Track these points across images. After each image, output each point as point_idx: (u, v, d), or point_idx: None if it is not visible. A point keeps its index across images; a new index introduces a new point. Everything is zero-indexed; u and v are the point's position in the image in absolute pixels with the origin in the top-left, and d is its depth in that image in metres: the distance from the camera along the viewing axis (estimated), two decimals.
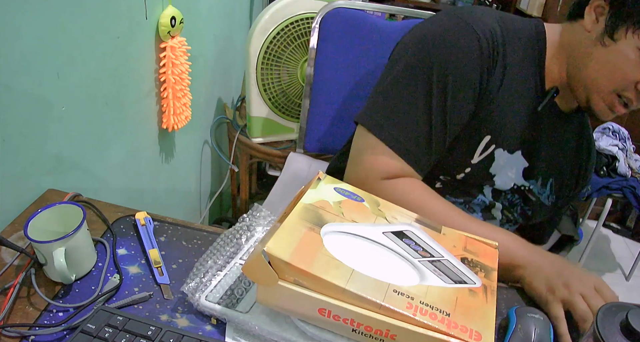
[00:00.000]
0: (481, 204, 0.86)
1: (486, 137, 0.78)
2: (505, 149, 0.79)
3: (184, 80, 1.19)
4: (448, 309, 0.54)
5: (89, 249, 0.67)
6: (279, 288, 0.54)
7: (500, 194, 0.85)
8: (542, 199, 0.87)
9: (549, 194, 0.87)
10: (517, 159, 0.81)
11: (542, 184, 0.86)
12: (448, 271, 0.59)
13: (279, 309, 0.58)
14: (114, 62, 0.97)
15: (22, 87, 0.73)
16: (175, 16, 1.09)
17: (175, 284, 0.66)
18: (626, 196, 1.85)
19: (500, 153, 0.79)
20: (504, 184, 0.83)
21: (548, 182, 0.86)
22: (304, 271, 0.53)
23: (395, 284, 0.55)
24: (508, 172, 0.81)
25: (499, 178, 0.82)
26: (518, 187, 0.84)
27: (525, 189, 0.85)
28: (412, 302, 0.53)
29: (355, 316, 0.53)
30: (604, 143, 1.97)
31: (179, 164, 1.40)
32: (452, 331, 0.52)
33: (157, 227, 0.76)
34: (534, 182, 0.85)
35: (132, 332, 0.55)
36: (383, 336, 0.54)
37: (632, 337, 0.55)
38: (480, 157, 0.79)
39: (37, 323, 0.58)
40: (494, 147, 0.79)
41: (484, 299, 0.57)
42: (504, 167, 0.81)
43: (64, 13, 0.79)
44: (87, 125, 0.92)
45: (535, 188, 0.86)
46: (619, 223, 2.55)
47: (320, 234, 0.58)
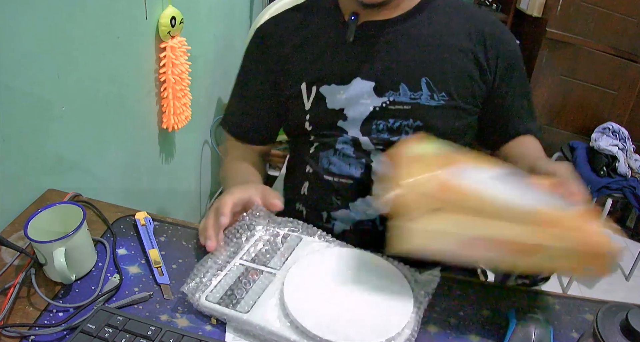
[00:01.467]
0: (350, 143, 0.84)
1: (302, 84, 0.85)
2: (333, 83, 0.83)
3: (184, 80, 1.19)
4: None
5: (89, 249, 0.67)
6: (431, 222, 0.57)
7: (370, 127, 0.83)
8: (422, 102, 0.81)
9: (431, 93, 0.81)
10: (359, 85, 0.82)
11: (412, 88, 0.81)
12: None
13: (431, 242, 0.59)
14: (114, 62, 0.97)
15: (22, 87, 0.73)
16: (175, 16, 1.09)
17: (175, 284, 0.66)
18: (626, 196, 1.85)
19: (327, 89, 0.83)
20: (359, 113, 0.83)
21: (421, 83, 0.81)
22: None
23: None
24: (360, 100, 0.82)
25: (350, 109, 0.83)
26: (380, 107, 0.82)
27: (387, 104, 0.82)
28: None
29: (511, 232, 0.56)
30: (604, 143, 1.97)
31: (179, 164, 1.40)
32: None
33: (157, 227, 0.76)
34: (391, 93, 0.82)
35: (132, 332, 0.55)
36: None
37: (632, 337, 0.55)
38: (310, 101, 0.85)
39: (37, 323, 0.58)
40: (316, 87, 0.84)
41: None
42: (350, 99, 0.82)
43: (64, 13, 0.79)
44: (87, 125, 0.92)
45: (400, 97, 0.82)
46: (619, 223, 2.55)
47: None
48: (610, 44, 2.01)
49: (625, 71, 2.06)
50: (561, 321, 0.70)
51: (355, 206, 0.84)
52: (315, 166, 0.87)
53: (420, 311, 0.64)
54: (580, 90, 2.12)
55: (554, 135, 2.19)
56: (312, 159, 0.87)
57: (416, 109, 0.82)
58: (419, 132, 0.82)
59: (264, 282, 0.65)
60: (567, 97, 2.13)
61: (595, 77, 2.08)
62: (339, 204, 0.84)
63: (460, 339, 0.64)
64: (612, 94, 2.12)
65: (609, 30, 1.99)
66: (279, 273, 0.67)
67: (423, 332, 0.64)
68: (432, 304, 0.68)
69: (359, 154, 0.83)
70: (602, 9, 1.96)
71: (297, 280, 0.64)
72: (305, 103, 0.86)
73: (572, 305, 0.73)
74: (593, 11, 1.96)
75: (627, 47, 2.02)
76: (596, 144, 1.98)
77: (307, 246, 0.72)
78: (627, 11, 1.95)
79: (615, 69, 2.05)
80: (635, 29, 1.98)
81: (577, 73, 2.08)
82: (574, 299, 0.75)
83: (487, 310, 0.69)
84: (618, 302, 0.64)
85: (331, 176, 0.85)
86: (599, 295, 0.78)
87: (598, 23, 1.98)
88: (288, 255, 0.70)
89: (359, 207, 0.84)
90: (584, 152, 2.04)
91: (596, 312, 0.58)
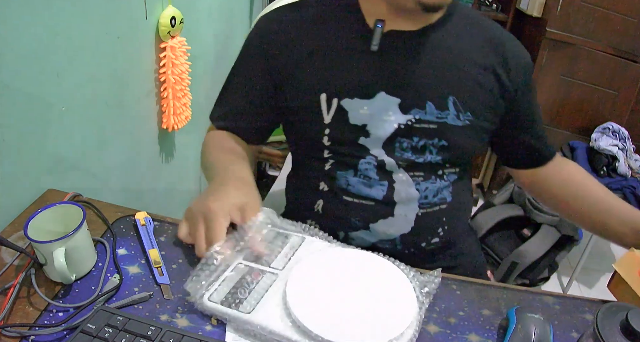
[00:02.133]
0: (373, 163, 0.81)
1: (322, 95, 0.79)
2: (355, 97, 0.78)
3: (184, 80, 1.19)
4: None
5: (89, 249, 0.67)
6: None
7: (393, 145, 0.80)
8: (448, 122, 0.79)
9: (457, 112, 0.79)
10: (384, 100, 0.78)
11: (439, 107, 0.79)
12: None
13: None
14: (114, 62, 0.97)
15: (22, 87, 0.73)
16: (175, 16, 1.09)
17: (175, 284, 0.66)
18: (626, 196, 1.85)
19: (350, 103, 0.78)
20: (383, 129, 0.78)
21: (448, 102, 0.79)
22: None
23: None
24: (383, 116, 0.78)
25: (372, 126, 0.78)
26: (405, 125, 0.79)
27: (412, 123, 0.79)
28: None
29: None
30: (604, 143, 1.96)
31: (179, 164, 1.40)
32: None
33: (157, 227, 0.76)
34: (417, 111, 0.78)
35: (132, 332, 0.55)
36: None
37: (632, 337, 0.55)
38: (330, 115, 0.79)
39: (37, 323, 0.58)
40: (337, 100, 0.78)
41: None
42: (373, 115, 0.78)
43: (64, 13, 0.79)
44: (87, 125, 0.92)
45: (426, 116, 0.79)
46: None
47: None
48: (610, 44, 2.01)
49: (625, 71, 2.06)
50: (561, 321, 0.70)
51: (376, 227, 0.82)
52: (331, 185, 0.83)
53: (421, 311, 0.64)
54: (580, 90, 2.12)
55: (553, 135, 2.19)
56: (328, 177, 0.83)
57: (442, 128, 0.79)
58: (444, 151, 0.81)
59: (266, 283, 0.65)
60: (567, 97, 2.13)
61: (595, 77, 2.08)
62: (358, 225, 0.82)
63: (460, 339, 0.64)
64: (612, 94, 2.12)
65: (609, 30, 1.99)
66: (282, 273, 0.66)
67: (423, 332, 0.64)
68: (432, 304, 0.68)
69: (382, 175, 0.81)
70: (602, 9, 1.95)
71: (300, 280, 0.64)
72: (324, 116, 0.80)
73: (572, 305, 0.73)
74: (593, 11, 1.96)
75: (627, 47, 2.02)
76: (596, 144, 1.97)
77: (309, 246, 0.72)
78: (627, 11, 1.95)
79: (615, 69, 2.05)
80: (635, 29, 1.98)
81: (577, 73, 2.08)
82: (574, 299, 0.75)
83: (487, 310, 0.69)
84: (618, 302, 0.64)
85: (350, 197, 0.82)
86: (599, 295, 0.78)
87: (598, 23, 1.98)
88: (291, 255, 0.70)
89: (380, 228, 0.82)
90: (584, 152, 2.03)
91: (596, 312, 0.58)
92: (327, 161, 0.83)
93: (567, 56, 2.05)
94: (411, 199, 0.81)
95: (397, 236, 0.83)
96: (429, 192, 0.82)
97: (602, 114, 2.15)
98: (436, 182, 0.83)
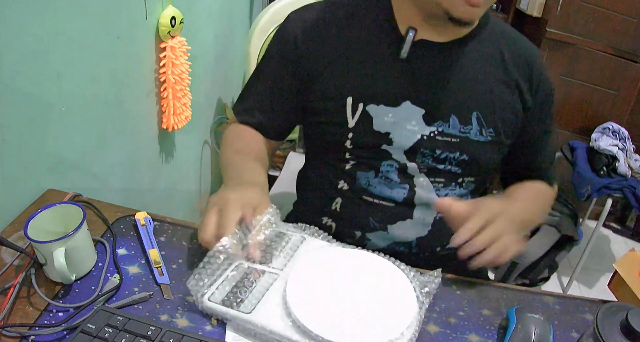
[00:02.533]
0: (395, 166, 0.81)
1: (348, 98, 0.79)
2: (381, 103, 0.78)
3: (184, 80, 1.19)
4: None
5: (89, 249, 0.67)
6: None
7: (415, 154, 0.80)
8: (471, 137, 0.80)
9: (480, 128, 0.80)
10: (409, 109, 0.78)
11: (462, 121, 0.79)
12: None
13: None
14: (114, 62, 0.97)
15: (22, 87, 0.73)
16: (175, 16, 1.09)
17: (175, 284, 0.66)
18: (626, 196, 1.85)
19: (375, 109, 0.78)
20: (406, 138, 0.79)
21: (472, 117, 0.79)
22: None
23: None
24: (407, 125, 0.78)
25: (396, 134, 0.79)
26: (428, 136, 0.79)
27: (435, 135, 0.79)
28: None
29: None
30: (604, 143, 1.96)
31: (179, 164, 1.40)
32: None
33: (157, 227, 0.76)
34: (441, 123, 0.79)
35: (132, 332, 0.55)
36: None
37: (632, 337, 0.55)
38: (354, 119, 0.79)
39: (37, 323, 0.58)
40: (363, 105, 0.78)
41: None
42: (397, 123, 0.78)
43: (64, 13, 0.79)
44: (87, 125, 0.92)
45: (450, 129, 0.79)
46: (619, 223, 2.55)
47: None
48: (610, 44, 2.01)
49: (625, 71, 2.06)
50: (561, 321, 0.70)
51: (394, 229, 0.82)
52: (351, 184, 0.83)
53: (421, 311, 0.64)
54: (580, 90, 2.12)
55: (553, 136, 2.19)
56: (348, 176, 0.83)
57: (465, 143, 0.80)
58: (464, 165, 0.82)
59: (267, 282, 0.65)
60: (567, 97, 2.13)
61: (595, 77, 2.08)
62: (376, 225, 0.82)
63: (460, 339, 0.64)
64: (612, 94, 2.12)
65: (609, 30, 1.99)
66: (282, 273, 0.67)
67: (423, 332, 0.64)
68: (432, 304, 0.68)
69: (403, 178, 0.81)
70: (602, 9, 1.96)
71: (300, 280, 0.64)
72: (348, 120, 0.80)
73: (572, 305, 0.73)
74: (593, 11, 1.96)
75: (627, 47, 2.02)
76: (596, 144, 1.97)
77: (309, 245, 0.72)
78: (627, 11, 1.95)
79: (615, 69, 2.05)
80: (635, 29, 1.98)
81: (577, 73, 2.08)
82: (574, 299, 0.75)
83: (487, 310, 0.69)
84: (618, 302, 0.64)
85: (370, 197, 0.82)
86: (599, 295, 0.78)
87: (598, 23, 1.98)
88: (291, 255, 0.70)
89: (398, 230, 0.82)
90: (584, 152, 2.03)
91: (596, 312, 0.58)
92: (348, 162, 0.83)
93: (567, 56, 2.05)
94: (431, 203, 0.82)
95: (414, 239, 0.83)
96: (447, 194, 0.83)
97: (602, 114, 2.15)
98: (455, 189, 0.84)
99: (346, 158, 0.83)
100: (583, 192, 1.87)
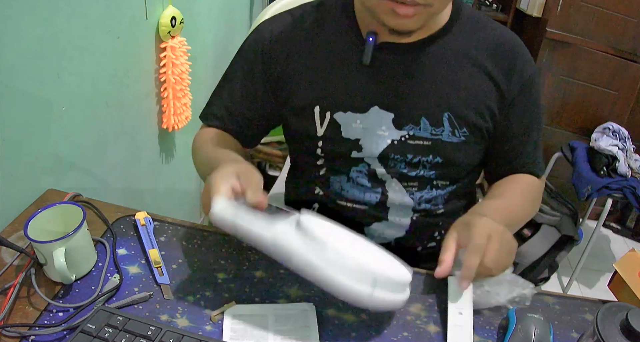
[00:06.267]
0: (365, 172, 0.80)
1: (316, 107, 0.78)
2: (349, 110, 0.76)
3: (184, 80, 1.19)
4: None
5: (89, 249, 0.67)
6: None
7: (386, 160, 0.79)
8: (443, 138, 0.77)
9: (453, 129, 0.77)
10: (378, 114, 0.76)
11: (433, 123, 0.76)
12: None
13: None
14: (114, 62, 0.97)
15: (22, 87, 0.73)
16: (175, 16, 1.09)
17: (175, 284, 0.66)
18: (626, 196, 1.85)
19: (343, 116, 0.77)
20: (376, 144, 0.77)
21: (443, 118, 0.76)
22: None
23: None
24: (377, 131, 0.77)
25: (366, 141, 0.77)
26: (399, 141, 0.77)
27: (406, 139, 0.77)
28: None
29: None
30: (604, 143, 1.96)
31: (179, 164, 1.40)
32: None
33: (157, 227, 0.76)
34: (411, 127, 0.76)
35: (132, 332, 0.55)
36: None
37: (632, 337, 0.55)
38: (323, 128, 0.78)
39: (37, 323, 0.58)
40: (330, 113, 0.77)
41: None
42: (367, 129, 0.77)
43: (64, 13, 0.79)
44: (87, 125, 0.92)
45: (421, 132, 0.77)
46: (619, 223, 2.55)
47: None
48: (610, 44, 2.01)
49: (625, 71, 2.05)
50: (561, 321, 0.70)
51: (370, 230, 0.83)
52: (325, 190, 0.84)
53: None
54: (580, 90, 2.12)
55: (554, 136, 2.19)
56: (322, 182, 0.84)
57: (437, 145, 0.77)
58: (437, 167, 0.79)
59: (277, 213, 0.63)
60: (567, 97, 2.13)
61: (595, 77, 2.08)
62: (352, 228, 0.81)
63: None
64: (612, 94, 2.11)
65: (609, 30, 1.99)
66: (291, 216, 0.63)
67: (423, 332, 0.64)
68: (432, 304, 0.68)
69: (374, 183, 0.81)
70: (602, 9, 1.95)
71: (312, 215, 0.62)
72: (317, 128, 0.79)
73: (572, 305, 0.73)
74: (593, 11, 1.96)
75: (627, 47, 2.02)
76: (596, 144, 1.97)
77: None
78: (627, 11, 1.95)
79: (615, 69, 2.05)
80: (635, 29, 1.98)
81: (577, 73, 2.08)
82: (574, 299, 0.75)
83: (487, 310, 0.69)
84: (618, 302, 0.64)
85: (344, 201, 0.82)
86: (599, 295, 0.78)
87: (598, 23, 1.98)
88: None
89: (375, 232, 0.83)
90: (584, 152, 2.03)
91: (596, 312, 0.58)
92: (322, 168, 0.83)
93: (567, 56, 2.05)
94: (405, 206, 0.82)
95: (392, 239, 0.83)
96: (423, 200, 0.82)
97: (602, 114, 2.15)
98: (431, 191, 0.82)
99: (318, 164, 0.83)
100: (583, 192, 1.87)
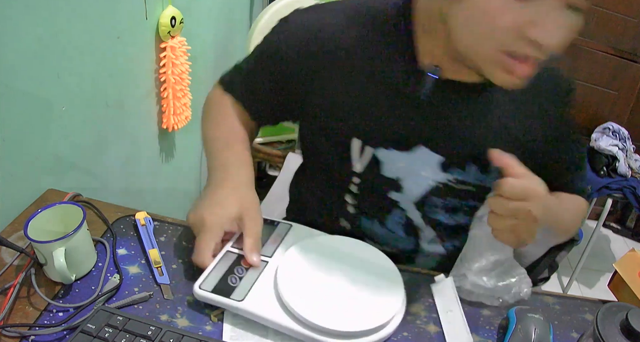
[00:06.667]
0: (401, 221, 0.76)
1: (354, 140, 0.70)
2: (391, 147, 0.69)
3: (184, 80, 1.19)
4: None
5: (89, 249, 0.67)
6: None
7: (424, 203, 0.74)
8: (487, 185, 0.73)
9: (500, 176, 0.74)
10: (424, 154, 0.69)
11: (481, 169, 0.72)
12: None
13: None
14: (114, 62, 0.97)
15: (22, 87, 0.73)
16: (175, 16, 1.09)
17: (175, 284, 0.66)
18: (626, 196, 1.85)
19: (385, 153, 0.69)
20: (418, 186, 0.71)
21: (490, 166, 0.71)
22: None
23: None
24: (421, 172, 0.70)
25: (407, 181, 0.71)
26: (444, 184, 0.72)
27: (451, 183, 0.72)
28: None
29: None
30: (604, 143, 1.96)
31: (179, 164, 1.40)
32: None
33: (157, 227, 0.76)
34: (459, 171, 0.71)
35: (132, 332, 0.55)
36: None
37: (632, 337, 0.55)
38: (362, 163, 0.71)
39: (37, 323, 0.58)
40: (371, 148, 0.70)
41: None
42: (410, 169, 0.70)
43: (64, 13, 0.79)
44: (87, 125, 0.92)
45: (466, 177, 0.72)
46: (619, 223, 2.55)
47: None
48: (610, 44, 2.01)
49: (625, 71, 2.06)
50: (561, 321, 0.70)
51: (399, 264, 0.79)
52: (354, 226, 0.79)
53: None
54: (580, 90, 2.11)
55: None
56: (351, 218, 0.78)
57: (482, 191, 0.72)
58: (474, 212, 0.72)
59: (257, 270, 0.65)
60: None
61: (595, 77, 2.08)
62: None
63: None
64: (612, 94, 2.12)
65: (609, 30, 1.99)
66: (272, 260, 0.67)
67: (423, 332, 0.64)
68: (432, 304, 0.68)
69: (409, 231, 0.78)
70: (602, 9, 1.96)
71: (290, 267, 0.65)
72: (354, 163, 0.72)
73: (572, 305, 0.73)
74: (593, 11, 1.96)
75: (627, 47, 2.02)
76: (596, 144, 1.97)
77: (297, 233, 0.73)
78: (627, 11, 1.95)
79: (615, 69, 2.05)
80: (635, 29, 1.98)
81: (577, 73, 2.08)
82: (574, 299, 0.75)
83: (487, 310, 0.69)
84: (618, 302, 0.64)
85: (373, 241, 0.78)
86: (599, 295, 0.78)
87: (598, 23, 1.98)
88: (279, 242, 0.71)
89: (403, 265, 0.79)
90: None
91: (596, 312, 0.58)
92: (352, 206, 0.77)
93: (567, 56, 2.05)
94: (437, 251, 0.81)
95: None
96: (455, 245, 0.81)
97: (602, 114, 2.15)
98: (461, 237, 0.78)
99: (349, 202, 0.76)
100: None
